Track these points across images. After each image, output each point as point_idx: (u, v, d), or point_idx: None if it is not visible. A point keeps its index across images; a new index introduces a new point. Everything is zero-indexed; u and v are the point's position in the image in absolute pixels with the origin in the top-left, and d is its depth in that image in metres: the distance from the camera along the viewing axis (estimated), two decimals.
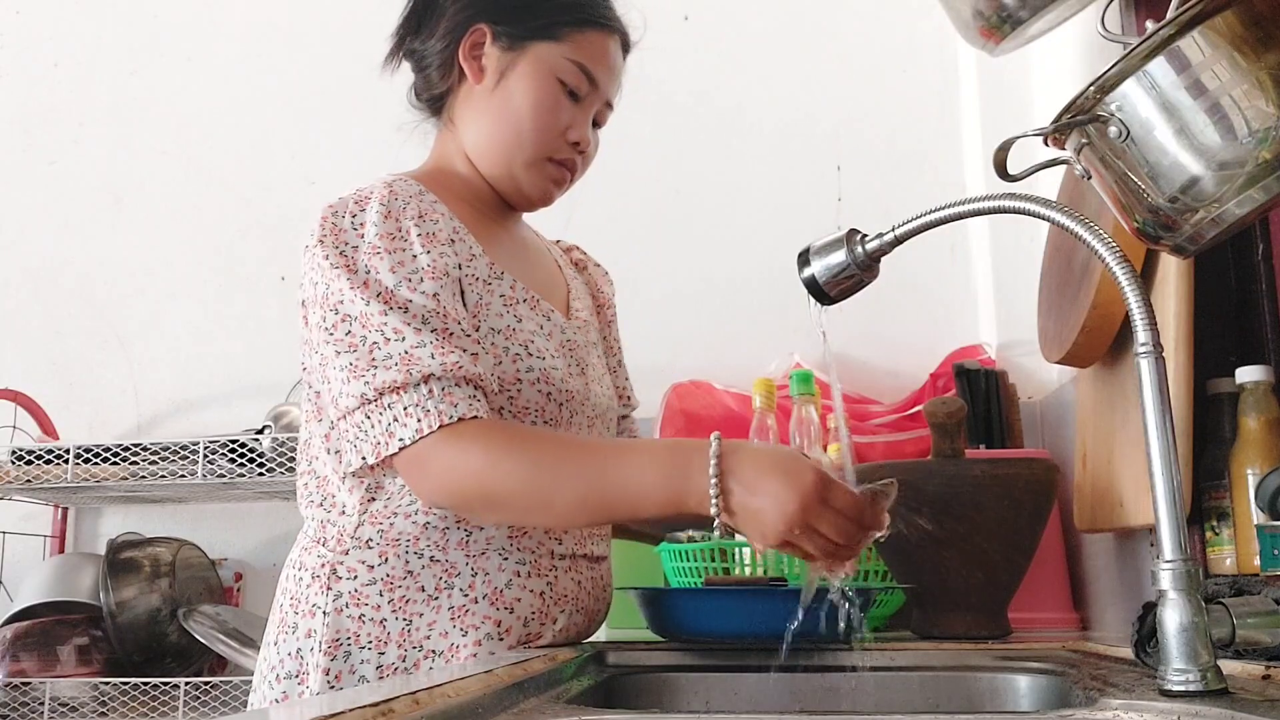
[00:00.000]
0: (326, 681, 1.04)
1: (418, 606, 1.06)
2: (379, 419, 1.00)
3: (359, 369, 1.01)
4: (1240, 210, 0.79)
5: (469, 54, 1.18)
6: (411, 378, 0.99)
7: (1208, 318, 1.19)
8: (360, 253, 1.05)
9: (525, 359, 1.11)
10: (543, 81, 1.15)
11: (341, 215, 1.08)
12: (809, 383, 1.60)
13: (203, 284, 2.26)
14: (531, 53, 1.16)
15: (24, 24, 2.44)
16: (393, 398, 1.00)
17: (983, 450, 1.71)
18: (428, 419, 0.99)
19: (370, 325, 1.02)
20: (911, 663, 1.16)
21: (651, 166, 2.14)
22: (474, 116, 1.18)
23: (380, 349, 1.01)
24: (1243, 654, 0.75)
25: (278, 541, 2.12)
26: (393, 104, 1.30)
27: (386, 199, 1.08)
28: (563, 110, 1.16)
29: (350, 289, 1.03)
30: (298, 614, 1.09)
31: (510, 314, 1.13)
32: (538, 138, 1.16)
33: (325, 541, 1.11)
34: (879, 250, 0.89)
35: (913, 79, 2.14)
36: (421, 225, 1.08)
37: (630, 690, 1.14)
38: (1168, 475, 0.72)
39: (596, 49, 1.17)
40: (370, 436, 1.01)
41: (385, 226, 1.06)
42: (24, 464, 1.94)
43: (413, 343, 1.01)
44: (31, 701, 1.87)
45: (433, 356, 1.00)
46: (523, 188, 1.19)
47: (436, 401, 0.99)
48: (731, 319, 2.07)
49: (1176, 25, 0.78)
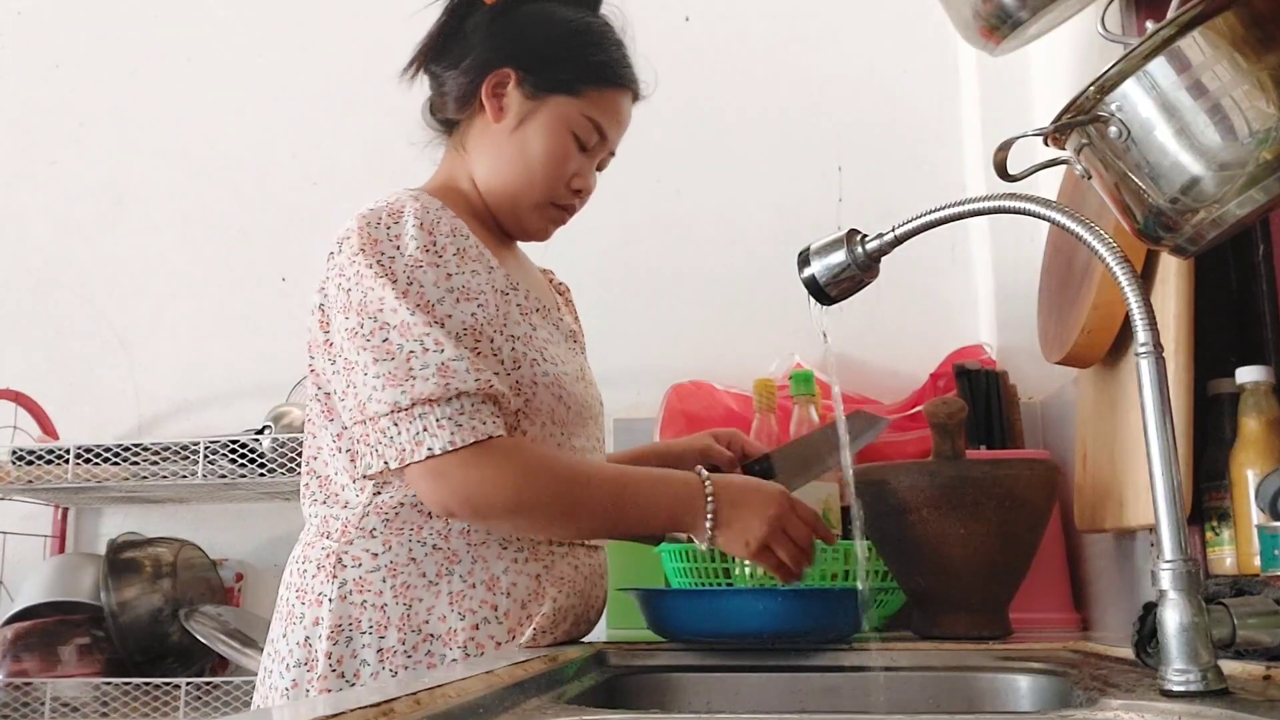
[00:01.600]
0: (329, 665, 1.08)
1: (418, 592, 1.10)
2: (408, 427, 1.04)
3: (396, 377, 1.04)
4: (1241, 211, 0.79)
5: (491, 92, 1.22)
6: (448, 391, 1.04)
7: (1208, 318, 1.19)
8: (399, 264, 1.08)
9: (541, 364, 1.15)
10: (558, 133, 1.21)
11: (376, 225, 1.11)
12: (809, 383, 1.60)
13: (203, 284, 2.26)
14: (552, 104, 1.21)
15: (24, 24, 2.44)
16: (425, 409, 1.04)
17: (983, 451, 1.71)
18: (460, 433, 1.04)
19: (410, 335, 1.05)
20: (912, 663, 1.16)
21: (652, 166, 2.14)
22: (487, 151, 1.23)
23: (418, 359, 1.05)
24: (1243, 654, 0.75)
25: (278, 541, 2.12)
26: (392, 105, 1.30)
27: (419, 213, 1.12)
28: (572, 161, 1.22)
29: (394, 298, 1.06)
30: (304, 604, 1.12)
31: (526, 322, 1.17)
32: (547, 185, 1.22)
33: (330, 534, 1.14)
34: (879, 250, 0.89)
35: (913, 79, 2.14)
36: (454, 242, 1.12)
37: (630, 690, 1.14)
38: (1168, 475, 0.72)
39: (611, 106, 1.23)
40: (396, 443, 1.05)
41: (423, 240, 1.10)
42: (24, 464, 1.94)
43: (451, 356, 1.05)
44: (33, 701, 1.87)
45: (468, 372, 1.05)
46: (524, 225, 1.25)
47: (469, 418, 1.04)
48: (731, 319, 2.07)
49: (1177, 25, 0.78)
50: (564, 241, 1.34)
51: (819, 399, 1.59)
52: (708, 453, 1.36)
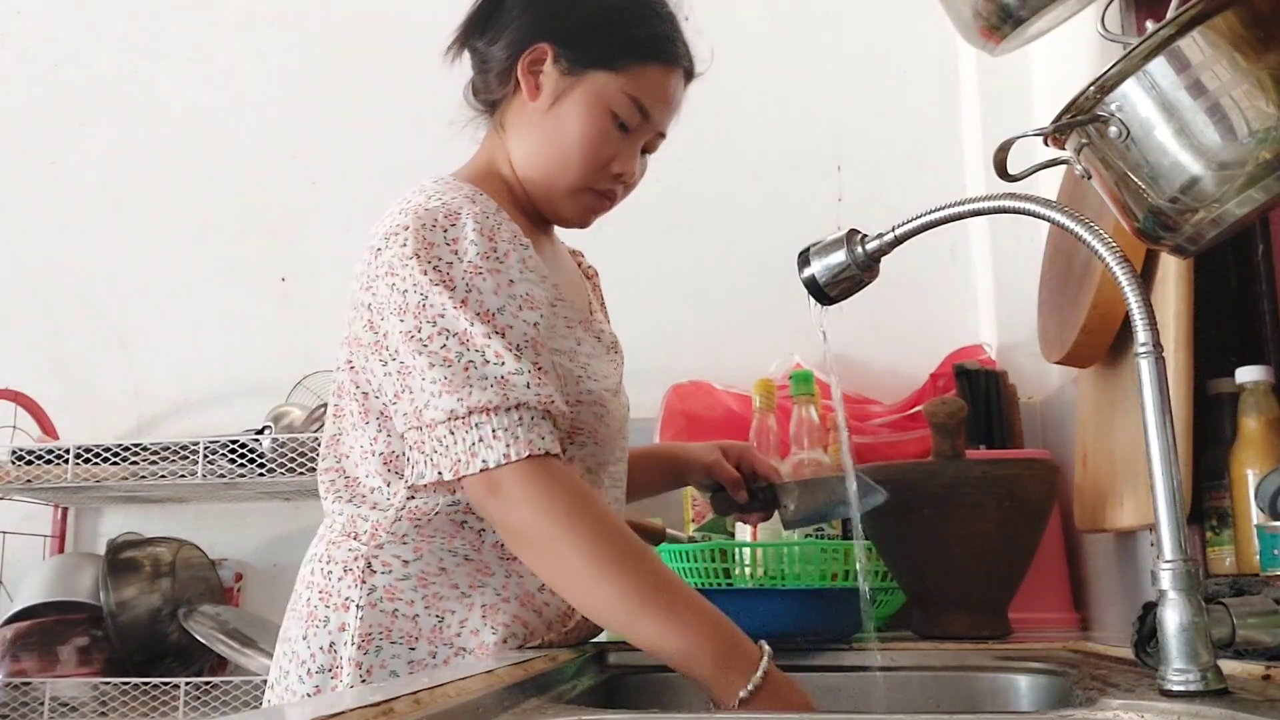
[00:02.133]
0: (359, 675, 1.04)
1: (450, 604, 1.07)
2: (464, 437, 0.99)
3: (454, 384, 0.99)
4: (1240, 210, 0.79)
5: (528, 69, 1.16)
6: (507, 401, 0.99)
7: (1208, 318, 1.19)
8: (458, 270, 1.03)
9: (586, 382, 1.12)
10: (596, 112, 1.14)
11: (432, 228, 1.05)
12: (809, 383, 1.60)
13: (203, 284, 2.26)
14: (589, 80, 1.14)
15: (24, 24, 2.44)
16: (482, 418, 0.99)
17: (983, 450, 1.71)
18: (516, 446, 0.98)
19: (471, 344, 1.00)
20: (912, 663, 1.16)
21: (652, 166, 2.13)
22: (524, 131, 1.18)
23: (477, 368, 1.00)
24: (1243, 654, 0.75)
25: (278, 541, 2.12)
26: (393, 105, 1.30)
27: (479, 217, 1.07)
28: (610, 143, 1.15)
29: (453, 306, 1.01)
30: (329, 608, 1.08)
31: (571, 337, 1.13)
32: (583, 168, 1.15)
33: (357, 535, 1.10)
34: (879, 250, 0.89)
35: (913, 79, 2.14)
36: (516, 249, 1.08)
37: (630, 690, 1.14)
38: (1168, 475, 0.72)
39: (655, 84, 1.17)
40: (451, 453, 1.00)
41: (483, 246, 1.05)
42: (24, 464, 1.94)
43: (511, 369, 1.00)
44: (32, 701, 1.87)
45: (528, 385, 1.00)
46: (560, 210, 1.19)
47: (526, 430, 0.99)
48: (731, 319, 2.07)
49: (1176, 25, 0.78)
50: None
51: (819, 399, 1.59)
52: (714, 469, 1.32)
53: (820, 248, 0.91)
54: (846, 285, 0.91)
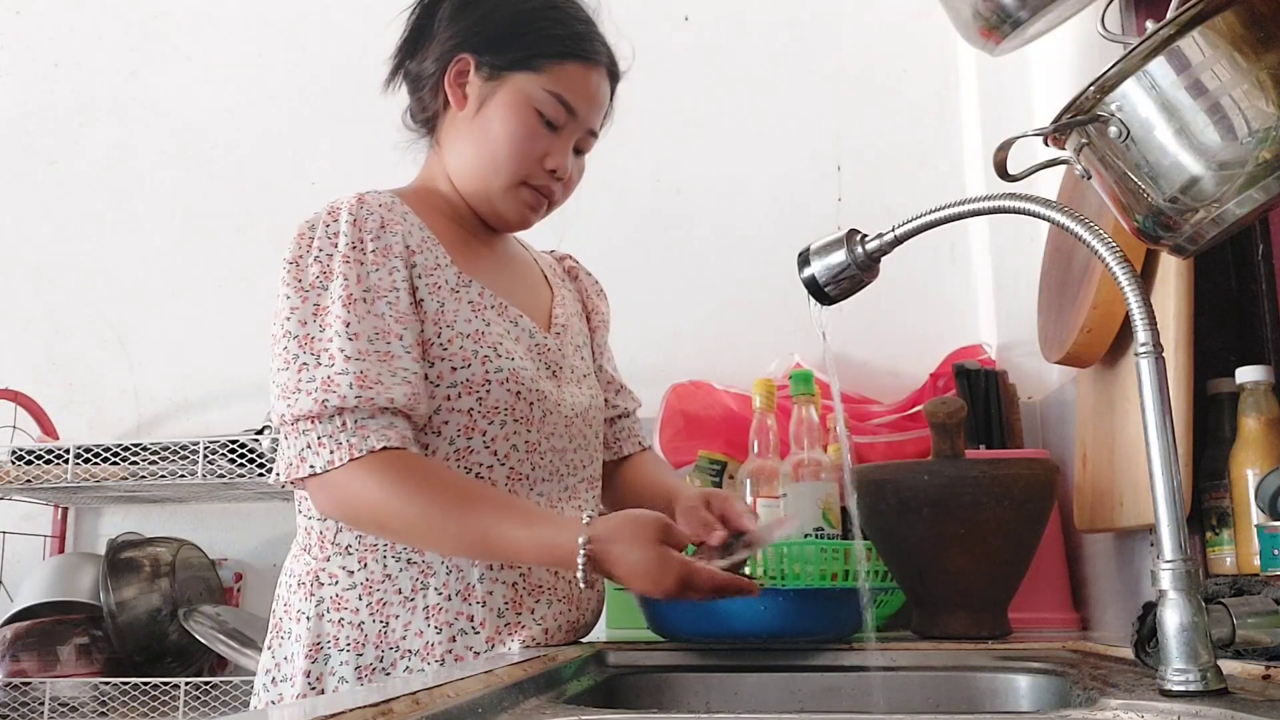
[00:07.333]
0: (307, 684, 1.08)
1: (394, 609, 1.10)
2: (294, 442, 1.07)
3: (287, 389, 1.06)
4: (1240, 210, 0.79)
5: (454, 82, 1.21)
6: (326, 409, 1.04)
7: (1208, 318, 1.19)
8: (317, 270, 1.10)
9: (494, 360, 1.14)
10: (520, 111, 1.18)
11: (311, 229, 1.14)
12: (809, 383, 1.60)
13: (203, 284, 2.26)
14: (510, 83, 1.19)
15: (24, 24, 2.43)
16: (307, 425, 1.06)
17: (983, 450, 1.71)
18: (339, 451, 1.04)
19: (310, 346, 1.07)
20: (912, 663, 1.16)
21: (652, 166, 2.14)
22: (456, 141, 1.22)
23: (309, 370, 1.06)
24: (1243, 654, 0.75)
25: (278, 541, 2.11)
26: (393, 105, 1.30)
27: (355, 209, 1.14)
28: (539, 139, 1.19)
29: (302, 307, 1.09)
30: (290, 620, 1.13)
31: (479, 318, 1.16)
32: (513, 165, 1.19)
33: (310, 549, 1.15)
34: (879, 250, 0.89)
35: (913, 79, 2.14)
36: (380, 239, 1.12)
37: (630, 690, 1.14)
38: (1168, 475, 0.72)
39: (576, 80, 1.20)
40: (284, 457, 1.08)
41: (352, 236, 1.12)
42: (24, 464, 1.94)
43: (338, 369, 1.05)
44: (31, 701, 1.87)
45: (351, 387, 1.04)
46: (499, 211, 1.23)
47: (349, 434, 1.04)
48: (731, 319, 2.07)
49: (1176, 25, 0.78)
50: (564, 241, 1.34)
51: (819, 399, 1.59)
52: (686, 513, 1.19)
53: (820, 248, 0.91)
54: (846, 285, 0.91)
